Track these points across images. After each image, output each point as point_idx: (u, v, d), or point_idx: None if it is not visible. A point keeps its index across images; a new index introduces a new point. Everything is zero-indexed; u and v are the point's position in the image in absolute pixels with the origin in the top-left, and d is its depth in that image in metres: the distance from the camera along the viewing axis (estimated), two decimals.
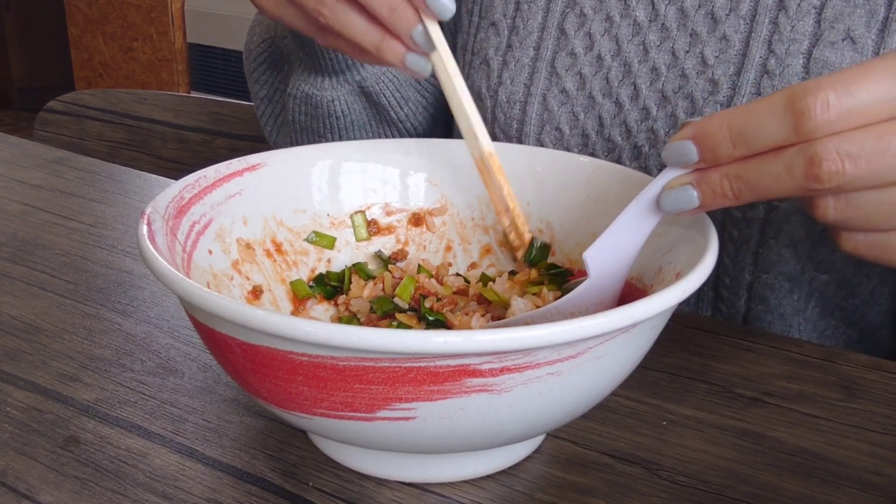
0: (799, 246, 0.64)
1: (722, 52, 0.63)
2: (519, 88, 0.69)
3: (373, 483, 0.43)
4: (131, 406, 0.49)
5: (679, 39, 0.64)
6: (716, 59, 0.63)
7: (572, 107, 0.67)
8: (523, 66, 0.69)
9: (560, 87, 0.68)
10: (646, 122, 0.65)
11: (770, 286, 0.65)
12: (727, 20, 0.62)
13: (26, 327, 0.58)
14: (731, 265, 0.65)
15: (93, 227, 0.74)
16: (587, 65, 0.67)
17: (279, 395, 0.38)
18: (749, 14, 0.62)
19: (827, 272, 0.65)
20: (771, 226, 0.63)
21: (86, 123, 1.23)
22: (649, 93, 0.65)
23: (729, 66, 0.62)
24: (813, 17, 0.60)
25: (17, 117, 3.82)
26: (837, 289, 0.66)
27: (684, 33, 0.64)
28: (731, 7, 0.62)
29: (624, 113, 0.66)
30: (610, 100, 0.66)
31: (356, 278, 0.54)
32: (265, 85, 0.78)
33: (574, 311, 0.46)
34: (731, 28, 0.62)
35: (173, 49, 3.25)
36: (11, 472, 0.44)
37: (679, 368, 0.54)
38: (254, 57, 0.78)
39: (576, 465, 0.45)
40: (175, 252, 0.44)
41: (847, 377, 0.53)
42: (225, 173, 0.52)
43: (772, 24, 0.61)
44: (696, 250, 0.42)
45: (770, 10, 0.61)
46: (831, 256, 0.64)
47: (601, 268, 0.45)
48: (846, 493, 0.43)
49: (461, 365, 0.35)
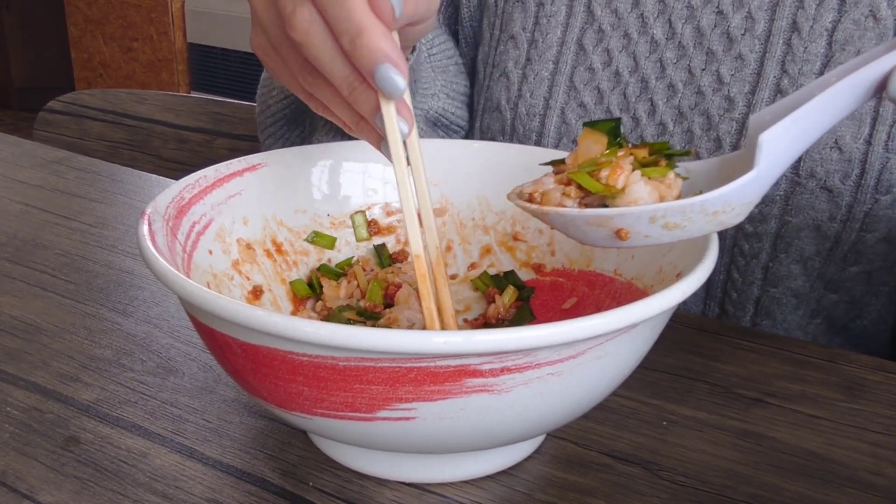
0: (808, 263, 0.64)
1: (737, 71, 0.64)
2: (538, 101, 0.70)
3: (373, 483, 0.43)
4: (131, 406, 0.49)
5: (695, 57, 0.65)
6: (731, 78, 0.64)
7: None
8: (542, 80, 0.70)
9: (578, 101, 0.69)
10: (662, 138, 0.66)
11: (777, 301, 0.66)
12: (742, 40, 0.64)
13: (26, 327, 0.58)
14: (740, 280, 0.66)
15: (93, 227, 0.74)
16: (605, 80, 0.68)
17: (279, 395, 0.38)
18: (764, 35, 0.63)
19: (836, 291, 0.66)
20: (782, 240, 0.64)
21: (86, 123, 1.23)
22: (666, 109, 0.66)
23: (744, 85, 0.64)
24: (825, 40, 0.62)
25: (17, 117, 3.81)
26: (847, 309, 0.67)
27: (700, 52, 0.65)
28: (746, 27, 0.64)
29: (641, 128, 0.67)
30: (627, 115, 0.67)
31: (326, 280, 0.53)
32: (279, 139, 0.74)
33: (719, 212, 0.37)
34: (747, 48, 0.64)
35: (173, 49, 3.25)
36: (11, 472, 0.44)
37: (680, 369, 0.54)
38: (272, 112, 0.73)
39: (576, 465, 0.45)
40: (175, 252, 0.44)
41: (849, 378, 0.53)
42: (225, 173, 0.52)
43: (785, 45, 0.62)
44: (696, 250, 0.42)
45: (784, 32, 0.62)
46: (841, 275, 0.65)
47: (774, 157, 0.36)
48: (847, 493, 0.43)
49: (461, 365, 0.35)
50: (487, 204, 0.57)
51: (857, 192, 0.62)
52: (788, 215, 0.63)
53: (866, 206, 0.62)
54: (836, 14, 0.61)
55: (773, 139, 0.35)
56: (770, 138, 0.35)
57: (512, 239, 0.56)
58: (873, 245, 0.64)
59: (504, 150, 0.57)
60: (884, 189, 0.62)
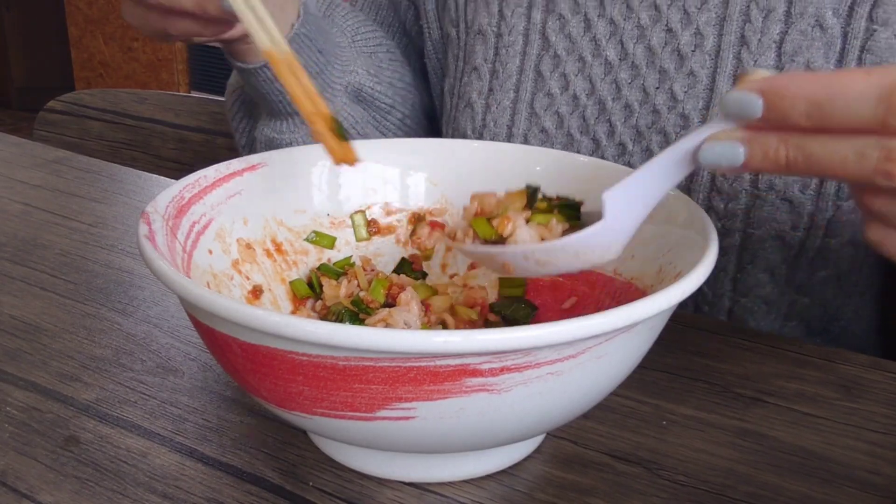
0: (776, 271, 0.65)
1: (690, 88, 0.64)
2: (502, 130, 0.71)
3: (373, 483, 0.43)
4: (131, 406, 0.49)
5: (649, 77, 0.66)
6: (685, 95, 0.65)
7: (552, 145, 0.69)
8: (504, 109, 0.71)
9: (540, 126, 0.69)
10: (623, 158, 0.67)
11: (749, 309, 0.67)
12: (693, 56, 0.64)
13: (26, 327, 0.58)
14: (710, 293, 0.67)
15: (93, 227, 0.74)
16: (564, 104, 0.69)
17: (279, 395, 0.38)
18: (713, 50, 0.64)
19: (808, 295, 0.66)
20: (747, 252, 0.64)
21: (86, 123, 1.23)
22: (624, 129, 0.67)
23: (698, 101, 0.64)
24: (774, 52, 0.62)
25: (17, 117, 3.81)
26: (821, 312, 0.67)
27: (653, 70, 0.66)
28: (695, 44, 0.64)
29: (602, 149, 0.68)
30: (588, 137, 0.68)
31: (326, 280, 0.54)
32: (243, 134, 0.80)
33: (580, 253, 0.43)
34: (698, 64, 0.64)
35: (173, 49, 3.25)
36: (11, 472, 0.44)
37: (679, 368, 0.54)
38: (230, 108, 0.80)
39: (576, 465, 0.45)
40: (175, 252, 0.44)
41: (846, 377, 0.53)
42: (225, 173, 0.52)
43: (735, 60, 0.63)
44: (696, 250, 0.43)
45: (733, 47, 0.63)
46: (810, 280, 0.65)
47: (618, 212, 0.42)
48: (845, 492, 0.43)
49: (461, 365, 0.35)
50: None
51: (818, 200, 0.62)
52: (751, 227, 0.63)
53: (828, 213, 0.62)
54: (784, 26, 0.61)
55: (614, 197, 0.42)
56: (610, 196, 0.42)
57: None
58: (839, 250, 0.64)
59: (504, 150, 0.58)
60: (845, 195, 0.62)
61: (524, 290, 0.55)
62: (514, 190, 0.47)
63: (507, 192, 0.47)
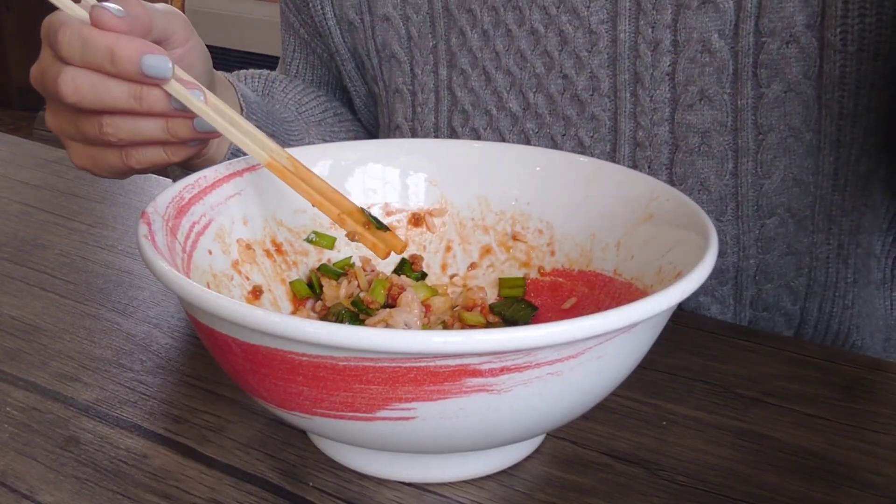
0: (716, 292, 0.66)
1: (595, 132, 0.65)
2: None
3: (373, 483, 0.43)
4: (131, 406, 0.49)
5: (554, 125, 0.66)
6: (591, 140, 0.65)
7: None
8: None
9: None
10: None
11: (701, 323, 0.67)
12: (592, 100, 0.64)
13: (26, 327, 0.58)
14: None
15: (93, 227, 0.74)
16: None
17: (279, 395, 0.38)
18: (610, 91, 0.64)
19: (766, 310, 0.66)
20: None
21: None
22: None
23: (605, 144, 0.64)
24: (667, 84, 0.62)
25: (17, 117, 3.81)
26: (784, 322, 0.67)
27: (557, 118, 0.66)
28: (592, 87, 0.64)
29: None
30: None
31: (326, 280, 0.54)
32: None
33: None
34: (598, 107, 0.64)
35: None
36: (11, 472, 0.44)
37: (679, 368, 0.54)
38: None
39: (576, 465, 0.45)
40: (175, 252, 0.44)
41: (847, 377, 0.53)
42: (225, 173, 0.52)
43: (633, 97, 0.63)
44: (696, 250, 0.42)
45: (628, 85, 0.63)
46: (759, 293, 0.65)
47: None
48: (846, 492, 0.43)
49: (461, 365, 0.35)
50: (487, 204, 0.57)
51: (738, 223, 0.62)
52: None
53: (754, 233, 0.62)
54: (673, 56, 0.61)
55: None
56: None
57: (511, 239, 0.56)
58: (778, 262, 0.64)
59: (504, 150, 0.57)
60: (766, 213, 0.62)
61: (524, 291, 0.55)
62: None
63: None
